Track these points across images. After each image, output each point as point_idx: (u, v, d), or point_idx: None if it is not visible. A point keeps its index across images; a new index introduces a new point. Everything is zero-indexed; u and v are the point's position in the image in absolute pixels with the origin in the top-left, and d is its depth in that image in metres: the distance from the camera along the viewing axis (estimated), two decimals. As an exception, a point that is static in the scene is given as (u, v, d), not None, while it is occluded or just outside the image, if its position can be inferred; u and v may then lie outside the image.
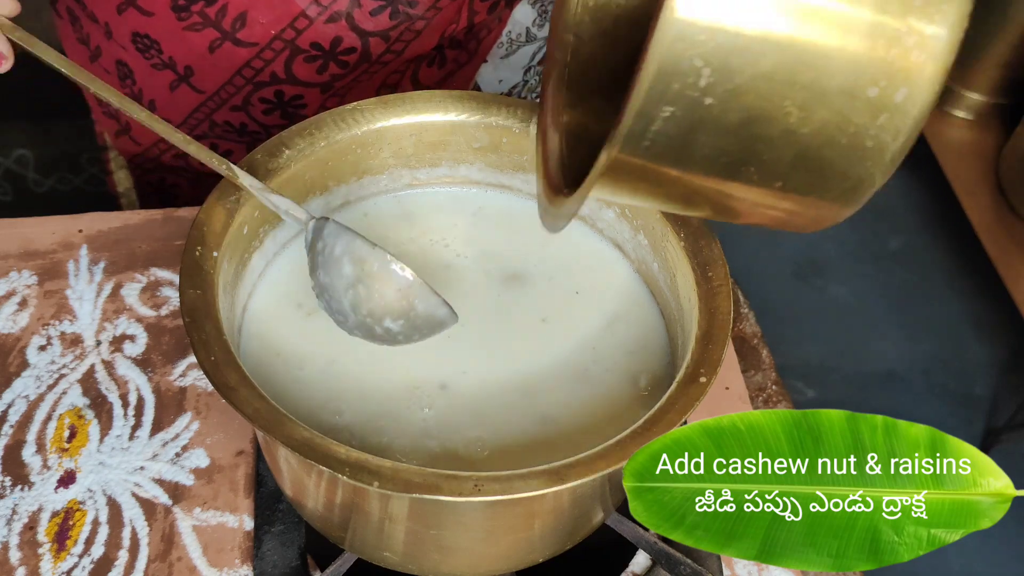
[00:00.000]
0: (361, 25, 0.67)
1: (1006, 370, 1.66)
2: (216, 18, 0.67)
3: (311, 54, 0.69)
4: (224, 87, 0.71)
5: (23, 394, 0.64)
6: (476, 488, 0.42)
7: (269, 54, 0.68)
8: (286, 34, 0.67)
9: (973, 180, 1.53)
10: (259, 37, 0.68)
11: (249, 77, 0.70)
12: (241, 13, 0.66)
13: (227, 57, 0.69)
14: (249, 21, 0.67)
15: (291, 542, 0.58)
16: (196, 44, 0.69)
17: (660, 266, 0.56)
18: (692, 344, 0.49)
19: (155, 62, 0.71)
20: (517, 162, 0.60)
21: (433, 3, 0.68)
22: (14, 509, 0.59)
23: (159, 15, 0.68)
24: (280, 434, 0.43)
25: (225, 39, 0.68)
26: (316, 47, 0.68)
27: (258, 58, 0.69)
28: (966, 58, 1.55)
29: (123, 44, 0.72)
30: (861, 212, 0.41)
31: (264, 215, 0.55)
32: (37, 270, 0.71)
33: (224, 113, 0.74)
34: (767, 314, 0.85)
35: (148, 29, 0.69)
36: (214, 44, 0.68)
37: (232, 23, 0.67)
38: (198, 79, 0.72)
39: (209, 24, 0.67)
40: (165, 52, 0.70)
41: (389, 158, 0.59)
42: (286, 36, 0.67)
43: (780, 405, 0.71)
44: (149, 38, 0.69)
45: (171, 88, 0.73)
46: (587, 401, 0.54)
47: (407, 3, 0.67)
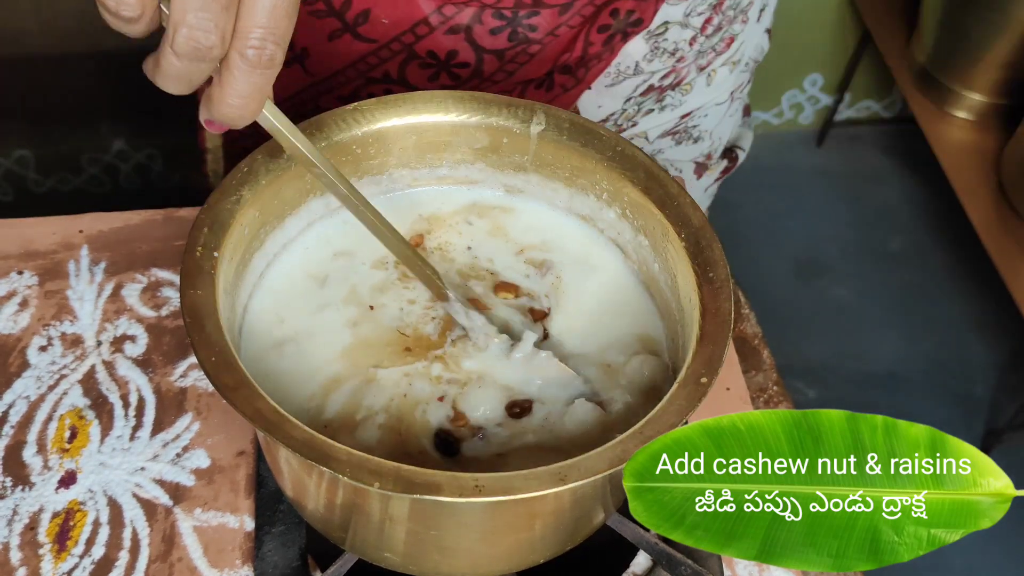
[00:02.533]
0: (479, 41, 0.68)
1: (1006, 370, 1.66)
2: (340, 9, 0.67)
3: (426, 61, 0.69)
4: (336, 75, 0.72)
5: (24, 395, 0.64)
6: (477, 489, 0.42)
7: (386, 53, 0.69)
8: (406, 37, 0.68)
9: (974, 180, 1.53)
10: (379, 35, 0.68)
11: (363, 71, 0.71)
12: (365, 9, 0.67)
13: (345, 48, 0.69)
14: (372, 18, 0.67)
15: (292, 543, 0.58)
16: (317, 29, 0.69)
17: (661, 267, 0.56)
18: (693, 344, 0.49)
19: None
20: (517, 162, 0.60)
21: (552, 30, 0.68)
22: (15, 510, 0.59)
23: None
24: (280, 434, 0.43)
25: (346, 31, 0.68)
26: (432, 56, 0.68)
27: (374, 55, 0.69)
28: (967, 58, 1.55)
29: None
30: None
31: (265, 216, 0.55)
32: (38, 270, 0.71)
33: (331, 100, 0.74)
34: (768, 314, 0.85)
35: None
36: (334, 33, 0.68)
37: (355, 17, 0.67)
38: (312, 62, 0.71)
39: (332, 14, 0.67)
40: None
41: (389, 158, 0.59)
42: (405, 39, 0.68)
43: (781, 405, 0.71)
44: None
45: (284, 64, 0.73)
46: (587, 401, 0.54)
47: (528, 27, 0.67)
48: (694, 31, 0.73)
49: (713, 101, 0.82)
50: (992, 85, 1.56)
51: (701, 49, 0.75)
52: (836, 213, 1.86)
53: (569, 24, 0.68)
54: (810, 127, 1.99)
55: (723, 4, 0.73)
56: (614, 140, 0.57)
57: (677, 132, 0.82)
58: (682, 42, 0.74)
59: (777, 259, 1.79)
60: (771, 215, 1.85)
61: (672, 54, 0.74)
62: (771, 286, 1.74)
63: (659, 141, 0.82)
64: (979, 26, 1.50)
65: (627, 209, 0.57)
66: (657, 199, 0.55)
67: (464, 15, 0.67)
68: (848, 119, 1.99)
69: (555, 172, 0.59)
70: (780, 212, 1.85)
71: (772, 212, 1.85)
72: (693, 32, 0.73)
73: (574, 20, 0.68)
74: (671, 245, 0.54)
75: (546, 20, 0.67)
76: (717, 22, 0.74)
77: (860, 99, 1.97)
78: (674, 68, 0.75)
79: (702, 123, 0.83)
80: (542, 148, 0.58)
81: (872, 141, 1.99)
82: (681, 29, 0.72)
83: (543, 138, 0.58)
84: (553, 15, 0.67)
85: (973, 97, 1.59)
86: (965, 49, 1.54)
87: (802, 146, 1.97)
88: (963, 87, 1.58)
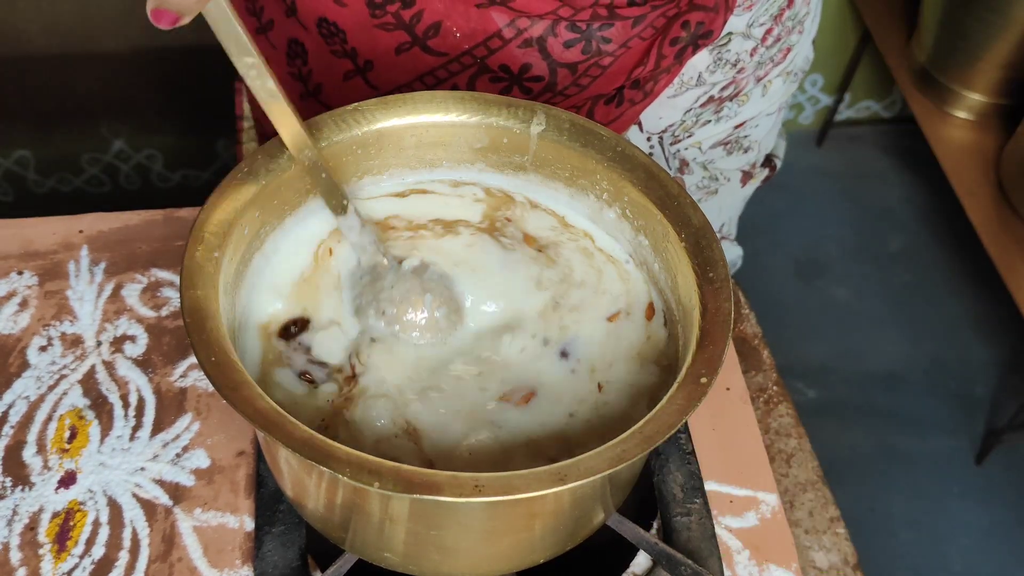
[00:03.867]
0: (553, 54, 0.67)
1: (1006, 370, 1.66)
2: (410, 22, 0.66)
3: (497, 75, 0.68)
4: (400, 88, 0.70)
5: (24, 395, 0.64)
6: (477, 489, 0.42)
7: (456, 67, 0.68)
8: (478, 51, 0.67)
9: (974, 180, 1.53)
10: (450, 48, 0.67)
11: (430, 85, 0.70)
12: (436, 22, 0.66)
13: (412, 61, 0.68)
14: (443, 31, 0.66)
15: (292, 543, 0.58)
16: (384, 42, 0.68)
17: (661, 266, 0.56)
18: (693, 344, 0.49)
19: (336, 49, 0.70)
20: (517, 162, 0.60)
21: (624, 42, 0.68)
22: (15, 510, 0.59)
23: (352, 7, 0.67)
24: (280, 434, 0.43)
25: (415, 44, 0.67)
26: (504, 70, 0.68)
27: (444, 68, 0.68)
28: (967, 58, 1.55)
29: (306, 24, 0.71)
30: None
31: (265, 216, 0.55)
32: (38, 271, 0.71)
33: None
34: (768, 314, 0.85)
35: (338, 18, 0.68)
36: (402, 47, 0.67)
37: (425, 30, 0.66)
38: (375, 75, 0.71)
39: (402, 27, 0.66)
40: (350, 43, 0.69)
41: (389, 158, 0.59)
42: (477, 53, 0.67)
43: (781, 406, 0.71)
44: (336, 26, 0.68)
45: (345, 78, 0.72)
46: (587, 401, 0.54)
47: (601, 39, 0.67)
48: (755, 42, 0.74)
49: (765, 111, 0.82)
50: (992, 85, 1.56)
51: (760, 60, 0.76)
52: (836, 213, 1.86)
53: (641, 36, 0.68)
54: (810, 127, 1.99)
55: (783, 15, 0.74)
56: (614, 140, 0.57)
57: (729, 142, 0.82)
58: (743, 53, 0.74)
59: (777, 259, 1.79)
60: (771, 215, 1.85)
61: (734, 65, 0.74)
62: (771, 286, 1.74)
63: (711, 151, 0.82)
64: (979, 26, 1.50)
65: (627, 209, 0.57)
66: (657, 199, 0.55)
67: (538, 28, 0.66)
68: (848, 119, 1.99)
69: (555, 172, 0.59)
70: (780, 212, 1.85)
71: (772, 212, 1.85)
72: (754, 43, 0.74)
73: (646, 32, 0.68)
74: (671, 245, 0.54)
75: (619, 32, 0.67)
76: (777, 33, 0.75)
77: (860, 99, 1.96)
78: (734, 79, 0.76)
79: (752, 133, 0.83)
80: (542, 148, 0.58)
81: (872, 141, 1.99)
82: (743, 40, 0.73)
83: (543, 138, 0.58)
84: (626, 27, 0.67)
85: (973, 97, 1.59)
86: (965, 49, 1.54)
87: (802, 146, 1.97)
88: (963, 87, 1.58)
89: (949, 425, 1.58)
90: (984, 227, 1.46)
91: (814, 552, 0.64)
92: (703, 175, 0.83)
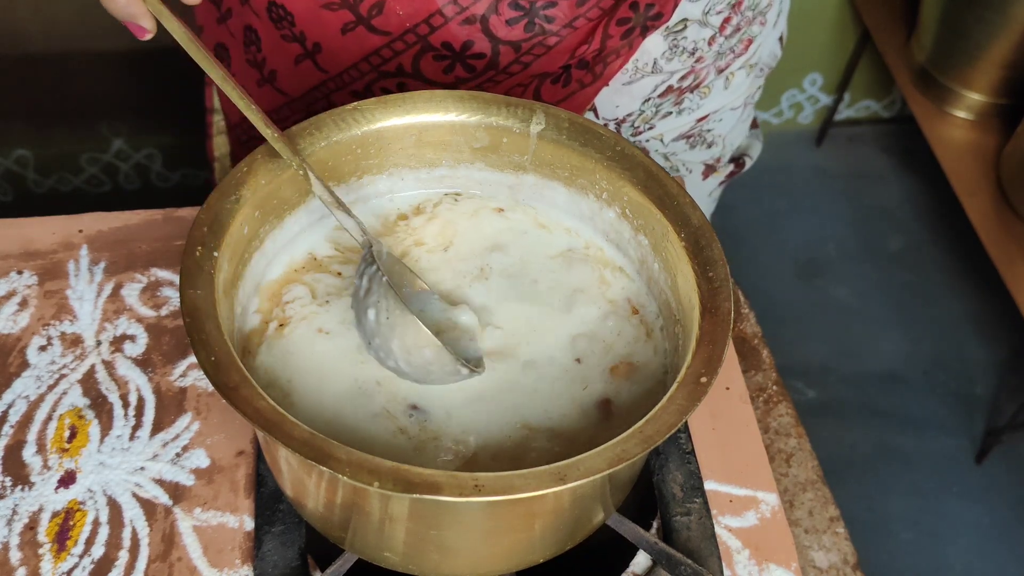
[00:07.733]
0: (495, 31, 0.68)
1: (1006, 370, 1.66)
2: (354, 1, 0.67)
3: (441, 53, 0.69)
4: (348, 70, 0.71)
5: (23, 394, 0.64)
6: (477, 488, 0.42)
7: (400, 46, 0.69)
8: (420, 29, 0.67)
9: (973, 180, 1.53)
10: (393, 27, 0.68)
11: (376, 64, 0.70)
12: (379, 1, 0.67)
13: (358, 41, 0.69)
14: (386, 10, 0.67)
15: (291, 542, 0.58)
16: (330, 23, 0.69)
17: (661, 266, 0.56)
18: (692, 344, 0.49)
19: (285, 33, 0.71)
20: (517, 162, 0.60)
21: (569, 21, 0.68)
22: (14, 509, 0.59)
23: None
24: (280, 434, 0.43)
25: (359, 23, 0.68)
26: (447, 47, 0.68)
27: (388, 48, 0.69)
28: (966, 58, 1.55)
29: (257, 11, 0.72)
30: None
31: (264, 216, 0.55)
32: (37, 270, 0.71)
33: (344, 96, 0.74)
34: (767, 314, 0.85)
35: (286, 1, 0.69)
36: (347, 26, 0.68)
37: (369, 9, 0.67)
38: (324, 58, 0.71)
39: (346, 6, 0.67)
40: (298, 26, 0.70)
41: (389, 158, 0.59)
42: (420, 31, 0.68)
43: (780, 405, 0.71)
44: (284, 9, 0.70)
45: (296, 62, 0.73)
46: (586, 401, 0.54)
47: (544, 18, 0.67)
48: (713, 30, 0.73)
49: (729, 105, 0.82)
50: (992, 85, 1.56)
51: (720, 50, 0.75)
52: (836, 213, 1.86)
53: (587, 16, 0.68)
54: (810, 127, 1.99)
55: (742, 4, 0.73)
56: (613, 140, 0.57)
57: (692, 136, 0.82)
58: (701, 41, 0.74)
59: (777, 259, 1.79)
60: (771, 215, 1.85)
61: (691, 53, 0.74)
62: (771, 286, 1.74)
63: (673, 144, 0.82)
64: (979, 26, 1.50)
65: (627, 209, 0.57)
66: (657, 199, 0.55)
67: (480, 5, 0.66)
68: (848, 119, 1.99)
69: (555, 172, 0.59)
70: (780, 212, 1.85)
71: (772, 212, 1.85)
72: (712, 31, 0.73)
73: (592, 12, 0.68)
74: (671, 245, 0.54)
75: (564, 11, 0.67)
76: (736, 22, 0.74)
77: (860, 99, 1.97)
78: (693, 69, 0.76)
79: (716, 127, 0.83)
80: (541, 148, 0.58)
81: (872, 141, 1.99)
82: (700, 27, 0.73)
83: (543, 138, 0.58)
84: (571, 6, 0.67)
85: (973, 97, 1.59)
86: (965, 49, 1.54)
87: (802, 146, 1.97)
88: (963, 87, 1.59)
89: (949, 425, 1.59)
90: (984, 227, 1.46)
91: (814, 552, 0.64)
92: (664, 165, 0.84)
